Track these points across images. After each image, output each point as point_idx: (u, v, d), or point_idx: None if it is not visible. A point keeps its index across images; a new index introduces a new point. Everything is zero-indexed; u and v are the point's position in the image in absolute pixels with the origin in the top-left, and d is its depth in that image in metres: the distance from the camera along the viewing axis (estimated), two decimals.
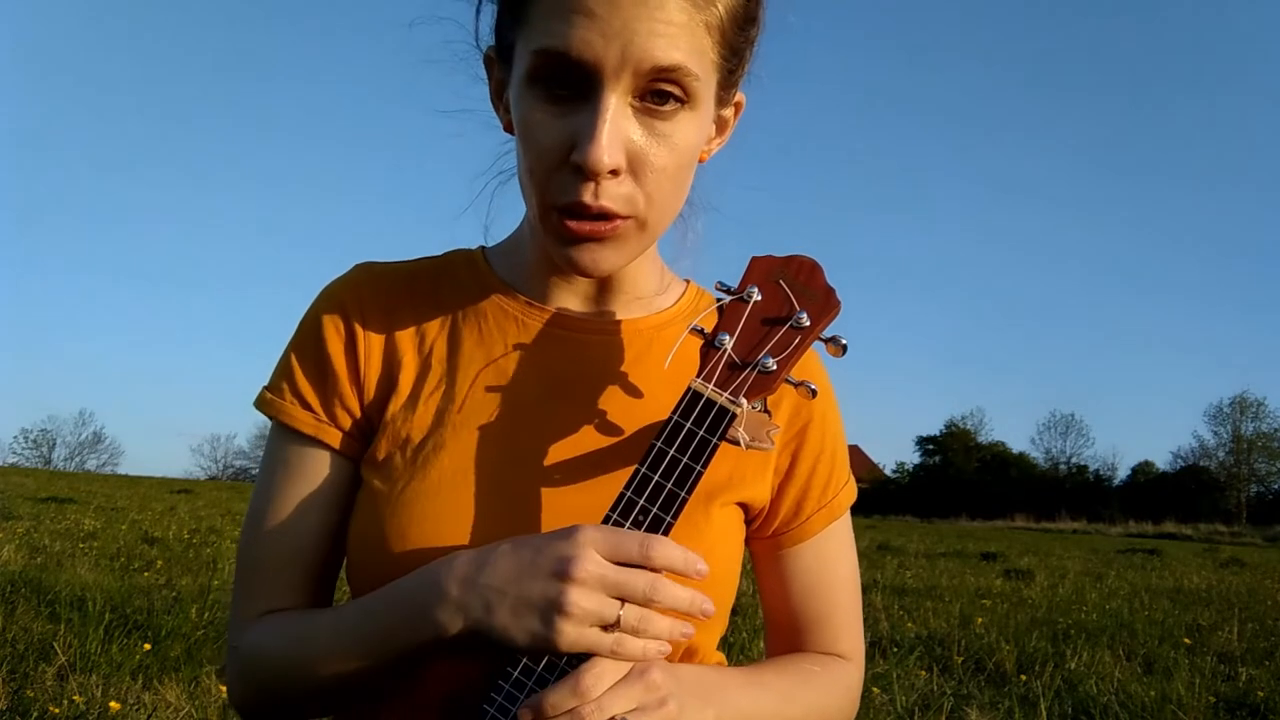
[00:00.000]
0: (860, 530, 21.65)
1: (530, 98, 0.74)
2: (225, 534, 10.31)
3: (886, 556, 13.22)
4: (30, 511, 11.73)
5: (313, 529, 0.84)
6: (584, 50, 0.70)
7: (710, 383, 0.74)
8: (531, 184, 0.76)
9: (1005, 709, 4.05)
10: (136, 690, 3.48)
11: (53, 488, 18.26)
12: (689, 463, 0.72)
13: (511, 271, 0.90)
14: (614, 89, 0.72)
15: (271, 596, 0.84)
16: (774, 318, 0.76)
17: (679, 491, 0.72)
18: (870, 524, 29.64)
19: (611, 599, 0.69)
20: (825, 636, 0.92)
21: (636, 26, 0.70)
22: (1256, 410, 54.02)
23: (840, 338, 0.77)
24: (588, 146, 0.71)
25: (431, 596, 0.72)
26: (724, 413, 0.73)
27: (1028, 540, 23.69)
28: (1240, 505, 51.59)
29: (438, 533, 0.78)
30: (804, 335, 0.76)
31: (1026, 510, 44.89)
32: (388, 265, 0.91)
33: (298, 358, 0.86)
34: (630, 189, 0.75)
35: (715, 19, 0.74)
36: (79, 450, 58.30)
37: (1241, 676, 4.97)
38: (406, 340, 0.86)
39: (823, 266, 0.78)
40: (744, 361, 0.75)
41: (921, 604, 7.40)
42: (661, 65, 0.71)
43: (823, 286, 0.77)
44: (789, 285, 0.78)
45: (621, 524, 0.71)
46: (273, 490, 0.85)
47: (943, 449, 60.38)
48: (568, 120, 0.73)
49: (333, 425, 0.85)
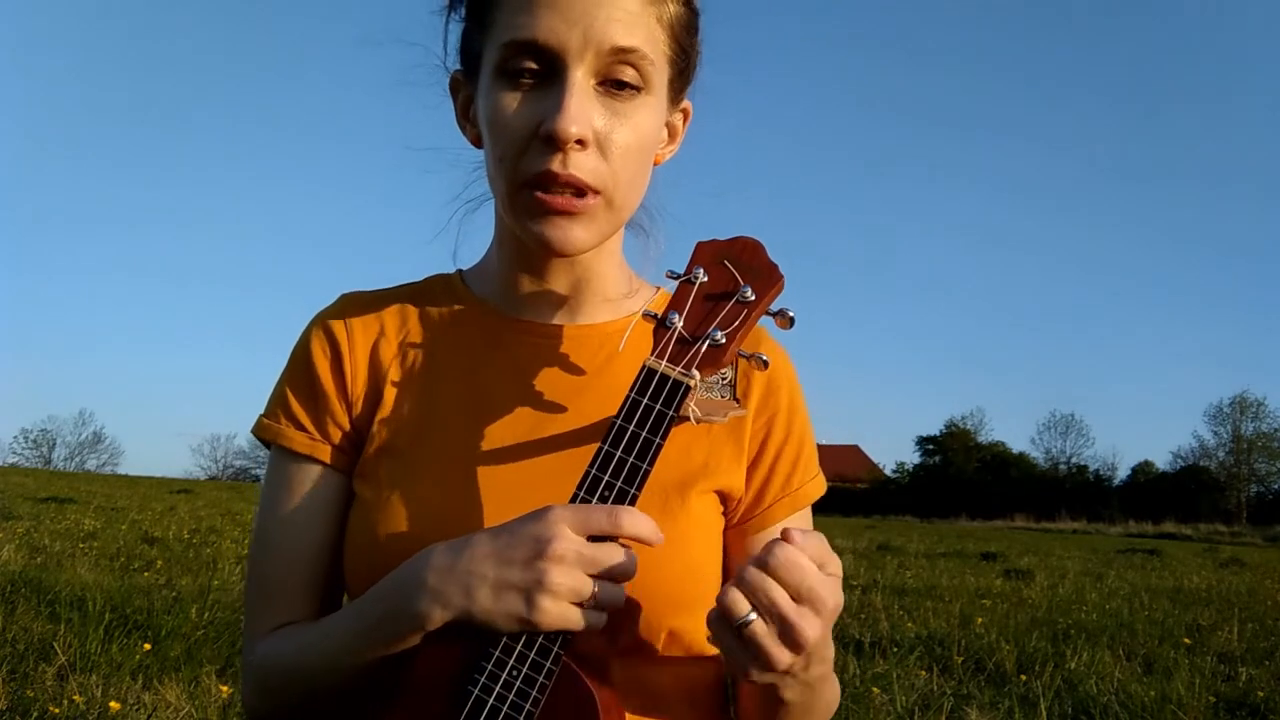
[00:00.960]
0: (860, 530, 21.67)
1: (499, 89, 0.80)
2: (225, 534, 10.31)
3: (886, 556, 13.22)
4: (30, 511, 11.73)
5: (314, 543, 0.88)
6: (549, 36, 0.77)
7: (664, 359, 0.77)
8: (501, 169, 0.81)
9: (1005, 709, 4.05)
10: (136, 690, 3.48)
11: (53, 488, 18.27)
12: (648, 436, 0.75)
13: (485, 287, 0.95)
14: (577, 68, 0.78)
15: (281, 611, 0.88)
16: (720, 294, 0.80)
17: (640, 464, 0.75)
18: (870, 524, 29.67)
19: (587, 575, 0.71)
20: None
21: (596, 13, 0.77)
22: (1256, 410, 54.10)
23: (787, 310, 0.80)
24: (555, 115, 0.77)
25: (411, 589, 0.75)
26: (678, 385, 0.76)
27: (1028, 540, 23.70)
28: (1240, 505, 51.58)
29: (425, 533, 0.81)
30: (750, 308, 0.79)
31: (1026, 510, 44.85)
32: (370, 293, 0.96)
33: (290, 384, 0.91)
34: (596, 162, 0.80)
35: (666, 16, 0.82)
36: (79, 450, 58.42)
37: (1241, 676, 4.97)
38: (390, 357, 0.91)
39: (764, 244, 0.81)
40: (694, 336, 0.78)
41: (921, 604, 7.40)
42: (620, 46, 0.78)
43: (766, 263, 0.80)
44: (734, 264, 0.81)
45: (589, 499, 0.74)
46: (275, 509, 0.89)
47: (943, 449, 60.35)
48: (536, 101, 0.79)
49: (325, 442, 0.89)
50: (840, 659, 4.76)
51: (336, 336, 0.91)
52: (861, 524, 28.47)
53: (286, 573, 0.88)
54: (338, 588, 0.90)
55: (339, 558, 0.88)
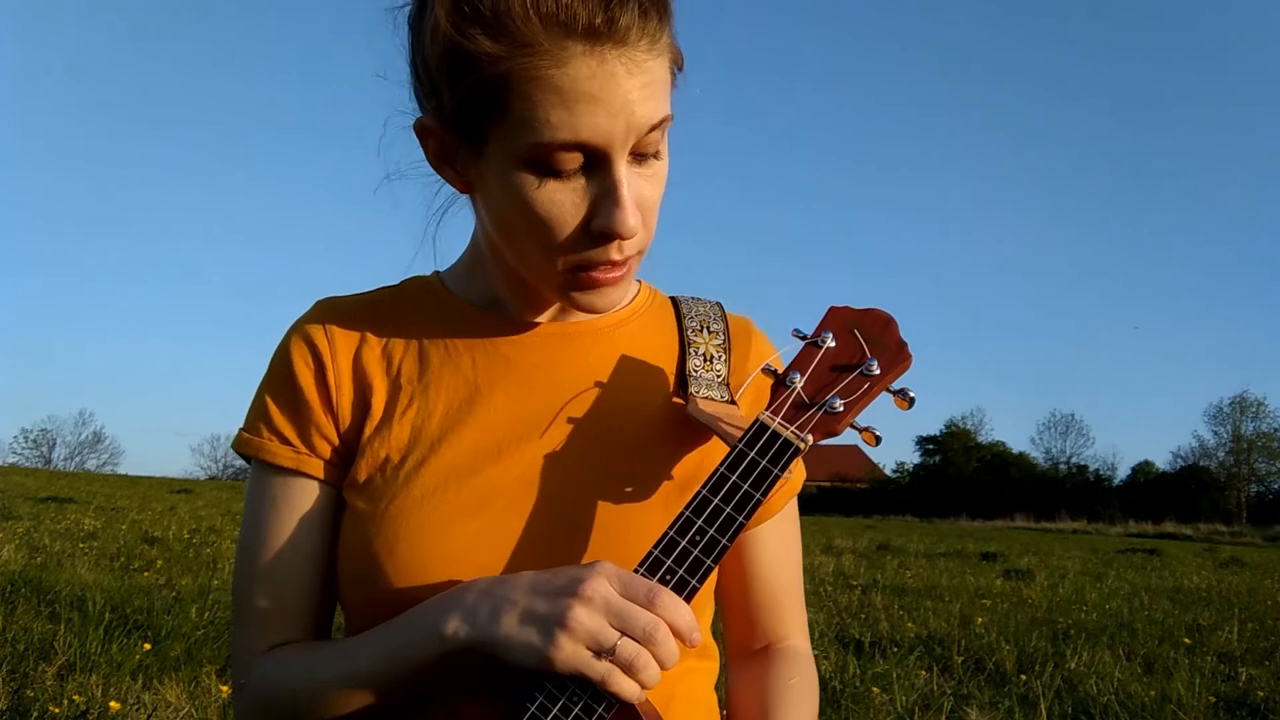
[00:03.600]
0: (860, 530, 21.67)
1: (529, 177, 0.75)
2: (225, 534, 10.31)
3: (886, 556, 13.22)
4: (30, 511, 11.73)
5: (305, 559, 0.85)
6: (594, 135, 0.72)
7: (778, 417, 0.77)
8: (544, 254, 0.78)
9: (1005, 709, 4.05)
10: (136, 690, 3.48)
11: (53, 488, 18.27)
12: (749, 490, 0.74)
13: (470, 289, 0.92)
14: (621, 158, 0.75)
15: (272, 630, 0.85)
16: (845, 364, 0.80)
17: (736, 516, 0.74)
18: (870, 524, 29.66)
19: (611, 628, 0.70)
20: (780, 622, 0.95)
21: (632, 97, 0.73)
22: (1256, 410, 54.12)
23: (909, 390, 0.79)
24: (615, 214, 0.75)
25: (449, 604, 0.74)
26: (788, 445, 0.75)
27: (1028, 540, 23.69)
28: (1240, 505, 51.59)
29: (423, 545, 0.79)
30: (873, 383, 0.79)
31: (1026, 510, 44.84)
32: (348, 298, 0.93)
33: (271, 396, 0.88)
34: (641, 232, 0.78)
35: (668, 54, 0.77)
36: (79, 450, 58.31)
37: (1241, 676, 4.97)
38: (375, 365, 0.88)
39: (898, 321, 0.82)
40: (812, 400, 0.78)
41: (921, 604, 7.41)
42: (656, 123, 0.75)
43: (896, 340, 0.81)
44: (863, 335, 0.81)
45: (678, 541, 0.73)
46: (261, 527, 0.86)
47: (943, 449, 60.36)
48: (579, 192, 0.76)
49: (313, 455, 0.86)
50: (840, 659, 4.76)
51: (318, 345, 0.88)
52: (861, 524, 28.46)
53: (279, 591, 0.85)
54: (330, 603, 0.88)
55: (330, 572, 0.86)
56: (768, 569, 0.94)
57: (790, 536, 0.97)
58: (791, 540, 0.97)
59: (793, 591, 0.97)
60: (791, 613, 0.96)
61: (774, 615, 0.95)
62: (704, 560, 0.73)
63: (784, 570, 0.95)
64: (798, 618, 0.97)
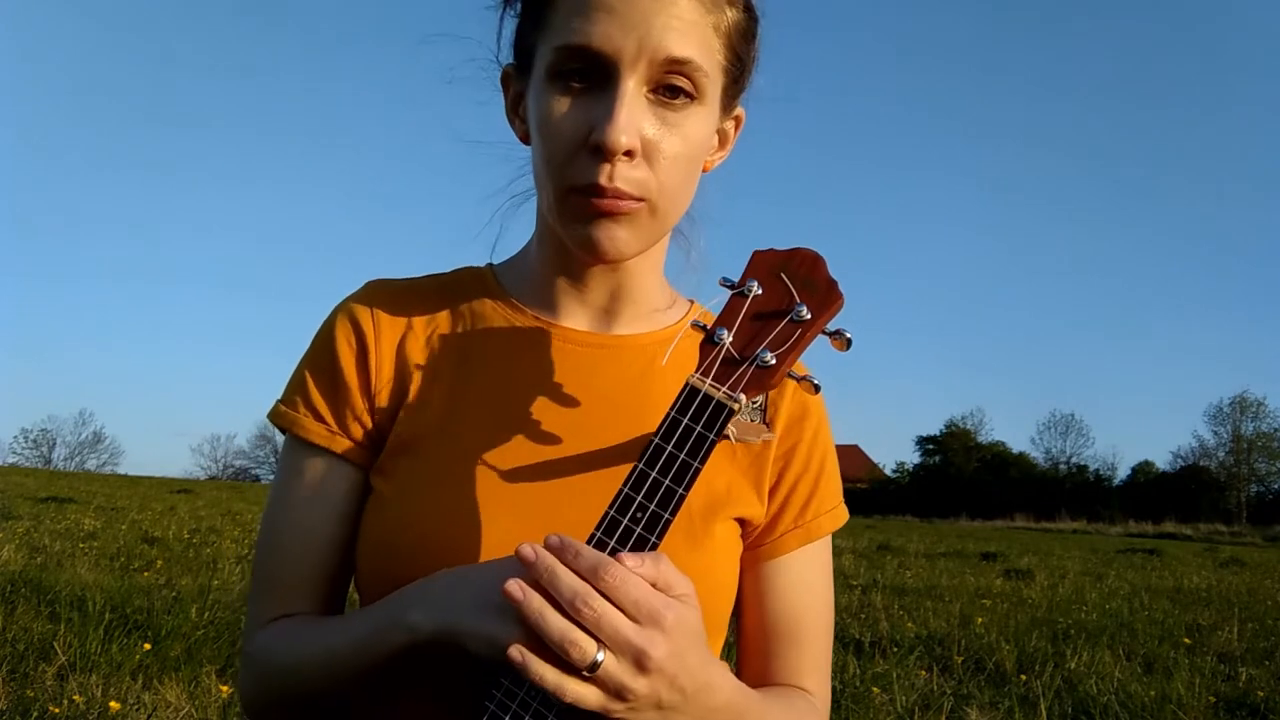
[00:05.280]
0: (860, 530, 21.65)
1: (551, 91, 0.78)
2: (225, 534, 10.31)
3: (886, 556, 13.22)
4: (30, 511, 11.73)
5: (324, 537, 0.86)
6: (604, 42, 0.75)
7: (708, 378, 0.72)
8: (548, 171, 0.80)
9: (1005, 709, 4.05)
10: (136, 690, 3.48)
11: (53, 488, 18.27)
12: (685, 458, 0.70)
13: (519, 286, 0.92)
14: (630, 77, 0.76)
15: (283, 602, 0.86)
16: (774, 311, 0.75)
17: (676, 488, 0.70)
18: (870, 524, 29.65)
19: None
20: (790, 663, 0.90)
21: (653, 20, 0.75)
22: (1256, 410, 54.05)
23: (844, 331, 0.75)
24: (606, 126, 0.75)
25: (418, 594, 0.74)
26: (721, 408, 0.71)
27: (1028, 540, 23.69)
28: (1240, 505, 51.56)
29: (438, 531, 0.79)
30: (805, 328, 0.74)
31: (1026, 510, 44.85)
32: (398, 281, 0.93)
33: (311, 372, 0.88)
34: (644, 173, 0.78)
35: (723, 24, 0.80)
36: (79, 450, 58.35)
37: (1241, 676, 4.97)
38: (417, 352, 0.88)
39: (825, 259, 0.76)
40: (742, 356, 0.73)
41: (921, 604, 7.41)
42: (675, 57, 0.76)
43: (825, 279, 0.75)
44: (791, 279, 0.76)
45: (620, 520, 0.70)
46: (286, 500, 0.87)
47: (943, 449, 60.32)
48: (586, 107, 0.77)
49: (344, 436, 0.86)
50: (840, 659, 4.76)
51: (363, 327, 0.88)
52: (861, 524, 28.43)
53: (292, 565, 0.86)
54: (344, 583, 0.89)
55: (347, 553, 0.86)
56: (773, 611, 0.90)
57: (811, 576, 0.92)
58: (813, 580, 0.92)
59: (810, 634, 0.91)
60: (805, 656, 0.90)
61: (784, 656, 0.90)
62: (648, 538, 0.69)
63: (792, 615, 0.90)
64: (812, 663, 0.91)
